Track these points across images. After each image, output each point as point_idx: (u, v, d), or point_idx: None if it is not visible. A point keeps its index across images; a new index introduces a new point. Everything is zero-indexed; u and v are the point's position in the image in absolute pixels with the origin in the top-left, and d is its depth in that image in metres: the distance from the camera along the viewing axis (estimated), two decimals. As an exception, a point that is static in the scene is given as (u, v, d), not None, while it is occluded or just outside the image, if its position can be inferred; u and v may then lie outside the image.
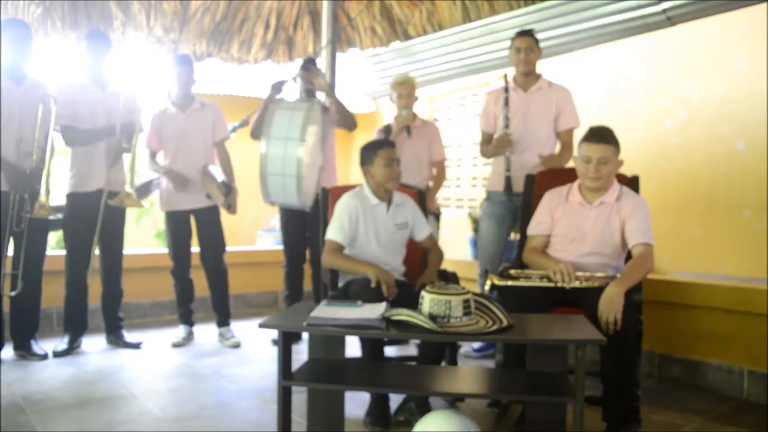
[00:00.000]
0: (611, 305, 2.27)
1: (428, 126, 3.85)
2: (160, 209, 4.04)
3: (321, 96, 3.98)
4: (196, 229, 3.99)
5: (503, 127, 3.30)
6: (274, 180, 3.49)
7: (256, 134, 3.81)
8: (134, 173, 3.64)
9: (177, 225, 3.96)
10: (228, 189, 3.88)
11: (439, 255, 2.94)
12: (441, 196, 3.95)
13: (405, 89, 3.70)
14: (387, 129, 3.76)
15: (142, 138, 3.89)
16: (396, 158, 2.81)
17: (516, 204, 3.32)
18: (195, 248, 4.05)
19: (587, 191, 2.63)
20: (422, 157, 3.74)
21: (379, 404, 2.55)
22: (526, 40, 3.34)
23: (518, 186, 3.27)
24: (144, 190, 4.76)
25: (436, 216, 3.76)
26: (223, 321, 4.08)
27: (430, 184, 3.82)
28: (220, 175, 3.96)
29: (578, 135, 2.90)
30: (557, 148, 3.40)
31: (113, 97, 3.65)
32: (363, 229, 2.78)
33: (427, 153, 3.76)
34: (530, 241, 2.74)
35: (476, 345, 3.69)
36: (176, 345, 3.90)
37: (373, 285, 2.50)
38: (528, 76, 3.37)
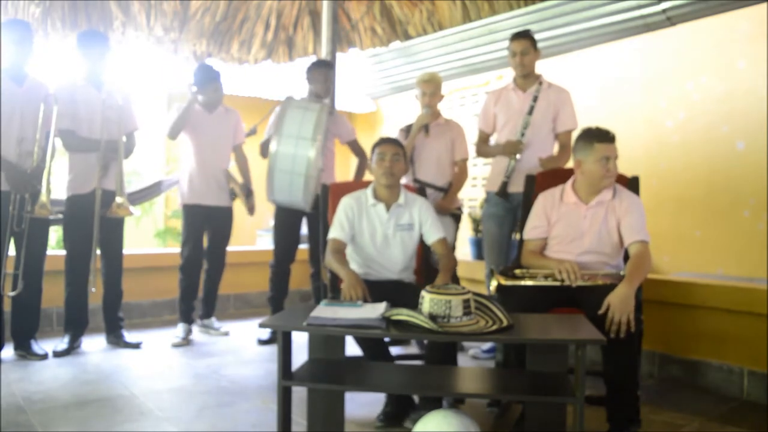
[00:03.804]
0: (625, 306, 2.26)
1: (451, 124, 3.77)
2: (182, 201, 4.06)
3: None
4: (208, 225, 4.07)
5: (519, 134, 3.29)
6: (281, 177, 3.51)
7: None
8: (123, 184, 3.63)
9: (197, 219, 4.02)
10: (248, 191, 4.06)
11: (451, 260, 2.82)
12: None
13: (429, 87, 3.65)
14: (409, 128, 3.73)
15: (139, 136, 3.91)
16: (392, 153, 2.77)
17: (513, 204, 3.33)
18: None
19: (584, 191, 2.63)
20: (444, 156, 3.68)
21: (391, 403, 2.54)
22: (521, 44, 3.32)
23: (515, 186, 3.29)
24: (154, 190, 4.79)
25: (455, 216, 3.67)
26: (209, 313, 4.18)
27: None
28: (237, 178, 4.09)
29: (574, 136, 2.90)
30: (555, 148, 3.40)
31: (110, 98, 3.65)
32: (359, 228, 2.79)
33: (450, 151, 3.70)
34: (527, 245, 2.74)
35: (485, 346, 3.68)
36: (176, 345, 3.90)
37: (343, 301, 2.47)
38: (527, 78, 3.37)
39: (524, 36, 3.34)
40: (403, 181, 3.66)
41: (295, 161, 3.47)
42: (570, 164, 2.78)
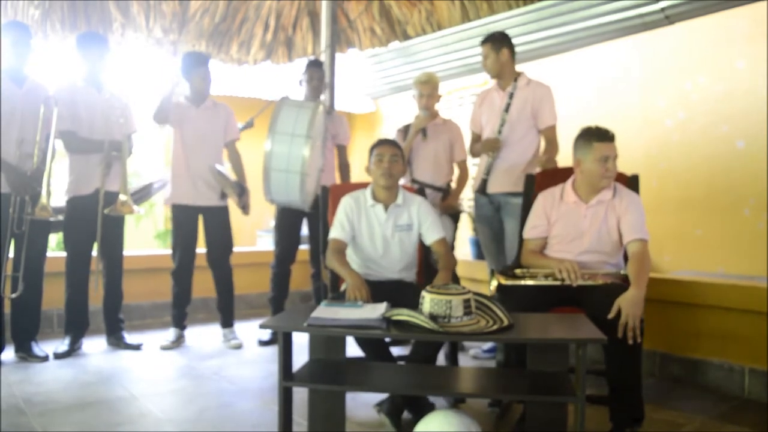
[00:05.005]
0: (637, 309, 2.26)
1: (450, 125, 3.77)
2: (167, 203, 3.99)
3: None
4: (204, 229, 3.97)
5: (497, 131, 3.30)
6: (277, 176, 3.48)
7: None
8: (126, 182, 3.63)
9: (186, 222, 3.90)
10: (241, 189, 3.87)
11: (451, 260, 2.80)
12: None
13: (427, 88, 3.64)
14: (407, 129, 3.73)
15: (136, 138, 3.91)
16: (390, 154, 2.76)
17: (494, 204, 3.36)
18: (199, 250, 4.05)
19: (583, 190, 2.63)
20: (441, 156, 3.67)
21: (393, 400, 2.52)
22: (483, 49, 3.39)
23: (495, 186, 3.33)
24: (145, 192, 4.77)
25: (454, 216, 3.67)
26: (227, 322, 4.08)
27: (453, 184, 3.76)
28: (229, 176, 3.96)
29: (568, 134, 2.89)
30: (535, 145, 3.38)
31: (110, 100, 3.65)
32: (358, 228, 2.79)
33: (448, 151, 3.70)
34: (527, 244, 2.74)
35: (486, 346, 3.68)
36: (164, 348, 3.86)
37: (348, 299, 2.45)
38: (504, 78, 3.38)
39: (485, 41, 3.39)
40: (402, 181, 3.68)
41: (290, 160, 3.43)
42: (567, 163, 2.79)
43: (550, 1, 4.72)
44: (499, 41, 3.36)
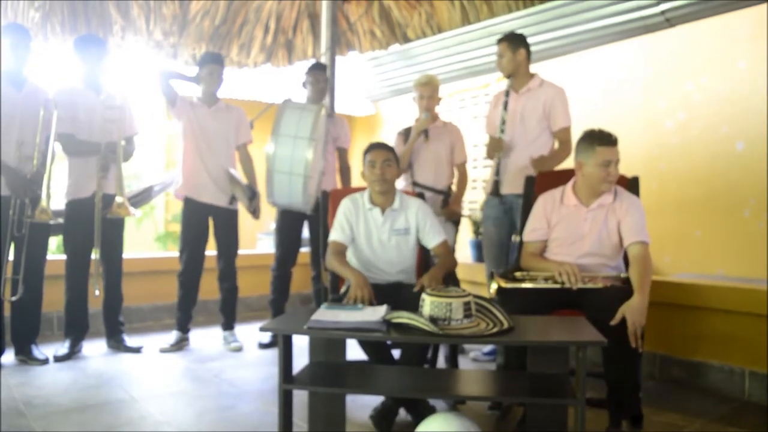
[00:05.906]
0: (641, 317, 2.26)
1: (450, 127, 3.78)
2: (177, 196, 3.97)
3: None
4: (214, 230, 3.98)
5: (499, 130, 3.30)
6: (280, 178, 3.48)
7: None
8: (123, 185, 3.62)
9: (196, 219, 3.90)
10: (252, 193, 3.86)
11: (450, 260, 2.79)
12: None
13: (427, 90, 3.64)
14: (407, 132, 3.73)
15: (138, 140, 3.90)
16: (382, 159, 2.74)
17: (506, 205, 3.34)
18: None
19: (584, 193, 2.63)
20: (442, 158, 3.68)
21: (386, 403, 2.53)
22: (498, 47, 3.37)
23: (508, 187, 3.31)
24: (145, 195, 4.76)
25: (455, 221, 3.67)
26: (228, 324, 4.08)
27: (453, 187, 3.76)
28: (242, 179, 3.96)
29: (573, 137, 2.89)
30: (549, 147, 3.36)
31: (110, 99, 3.65)
32: (356, 230, 2.79)
33: (448, 154, 3.70)
34: (527, 246, 2.74)
35: (486, 349, 3.68)
36: (163, 351, 3.85)
37: (349, 301, 2.43)
38: (518, 78, 3.37)
39: (502, 40, 3.38)
40: (403, 185, 3.67)
41: (293, 162, 3.43)
42: (569, 164, 2.78)
43: (550, 3, 4.72)
44: (516, 41, 3.35)
